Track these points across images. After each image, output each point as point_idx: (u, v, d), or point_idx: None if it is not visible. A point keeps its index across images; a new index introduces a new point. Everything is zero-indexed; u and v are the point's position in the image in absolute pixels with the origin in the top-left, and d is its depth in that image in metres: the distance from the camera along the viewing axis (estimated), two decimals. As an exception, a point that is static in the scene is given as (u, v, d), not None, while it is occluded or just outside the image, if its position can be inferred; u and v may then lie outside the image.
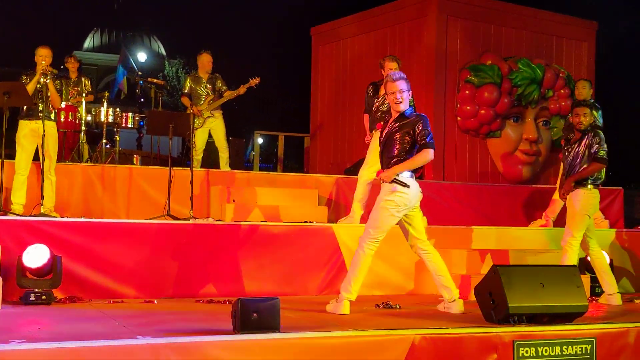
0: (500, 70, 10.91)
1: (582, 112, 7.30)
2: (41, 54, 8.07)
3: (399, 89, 5.96)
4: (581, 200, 7.15)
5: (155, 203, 8.67)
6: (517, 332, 5.10)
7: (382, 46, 11.87)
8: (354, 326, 5.06)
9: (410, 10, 11.48)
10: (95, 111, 10.71)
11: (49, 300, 6.09)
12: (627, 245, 8.79)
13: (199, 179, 8.91)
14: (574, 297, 5.51)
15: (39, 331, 4.82)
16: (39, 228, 6.59)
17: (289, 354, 4.54)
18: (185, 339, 4.39)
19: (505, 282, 5.34)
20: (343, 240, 7.56)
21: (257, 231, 7.38)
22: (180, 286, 6.94)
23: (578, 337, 5.23)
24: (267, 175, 10.14)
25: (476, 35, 11.29)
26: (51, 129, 8.10)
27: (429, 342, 4.88)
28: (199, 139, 10.00)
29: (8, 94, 7.64)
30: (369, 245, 6.03)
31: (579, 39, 12.24)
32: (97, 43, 50.09)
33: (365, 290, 7.49)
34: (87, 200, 8.72)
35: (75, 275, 6.56)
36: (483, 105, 10.86)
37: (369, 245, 6.03)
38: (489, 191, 10.52)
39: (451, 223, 8.66)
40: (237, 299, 4.66)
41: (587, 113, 7.32)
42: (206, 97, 10.04)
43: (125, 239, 6.87)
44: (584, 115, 7.29)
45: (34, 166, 8.21)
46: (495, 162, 11.26)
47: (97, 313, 5.74)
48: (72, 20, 45.73)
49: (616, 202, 10.91)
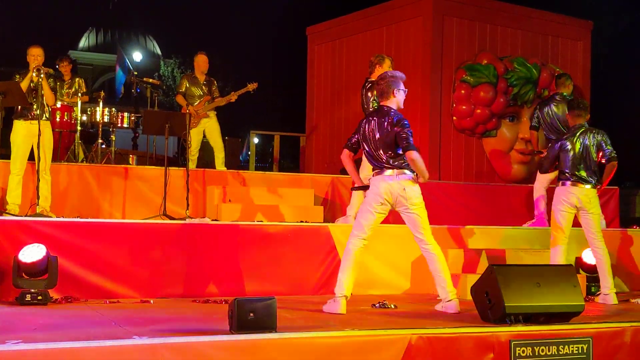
0: (496, 70, 10.93)
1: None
2: (33, 53, 8.05)
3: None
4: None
5: (151, 203, 8.67)
6: (514, 332, 5.10)
7: (377, 46, 11.86)
8: (351, 326, 5.06)
9: (406, 10, 11.48)
10: (91, 111, 10.69)
11: (45, 301, 6.07)
12: (623, 244, 8.80)
13: (195, 179, 8.91)
14: (570, 296, 5.51)
15: (35, 331, 4.80)
16: (34, 228, 6.58)
17: (286, 354, 4.53)
18: (181, 339, 4.38)
19: (502, 281, 5.34)
20: (339, 239, 7.55)
21: (253, 231, 7.37)
22: (176, 286, 6.93)
23: (574, 337, 5.23)
24: (263, 175, 10.14)
25: (472, 34, 11.29)
26: (46, 128, 8.08)
27: (425, 341, 4.88)
28: (194, 139, 9.99)
29: (3, 93, 7.63)
30: (351, 242, 6.11)
31: (574, 39, 12.26)
32: (93, 43, 50.03)
33: (361, 289, 7.51)
34: (83, 200, 8.72)
35: (71, 275, 6.54)
36: (479, 104, 10.86)
37: (351, 242, 6.11)
38: (485, 190, 10.52)
39: (447, 222, 8.65)
40: (234, 299, 4.65)
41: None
42: (201, 97, 10.05)
43: (122, 239, 6.85)
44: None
45: (29, 166, 8.19)
46: (491, 161, 11.27)
47: (94, 313, 5.73)
48: (67, 19, 45.63)
49: (612, 202, 10.93)
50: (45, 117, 8.11)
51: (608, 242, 8.53)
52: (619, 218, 11.16)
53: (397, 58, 11.48)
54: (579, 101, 7.59)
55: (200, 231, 7.20)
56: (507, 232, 8.66)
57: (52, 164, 8.21)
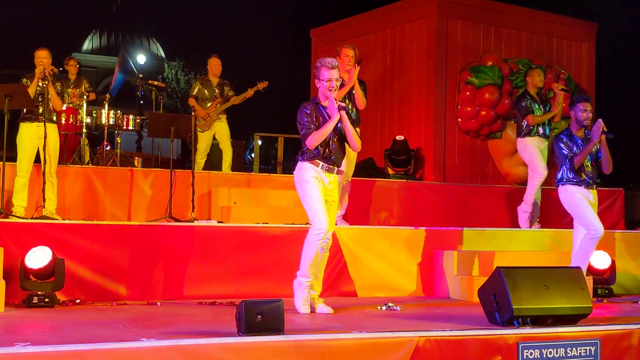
0: (501, 72, 10.92)
1: (589, 108, 7.34)
2: (39, 55, 8.05)
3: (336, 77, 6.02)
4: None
5: (156, 205, 8.67)
6: (522, 334, 5.08)
7: (382, 48, 11.87)
8: (358, 328, 5.05)
9: (410, 12, 11.48)
10: (96, 113, 10.70)
11: (52, 303, 6.08)
12: (629, 246, 8.78)
13: (200, 181, 8.91)
14: (578, 298, 5.50)
15: (43, 334, 4.81)
16: (41, 230, 6.59)
17: (294, 356, 4.52)
18: (189, 341, 4.37)
19: (510, 283, 5.33)
20: (344, 241, 7.55)
21: (259, 233, 7.38)
22: (182, 288, 6.94)
23: (582, 339, 5.21)
24: (268, 177, 10.14)
25: (476, 36, 11.29)
26: (52, 131, 8.08)
27: (432, 344, 4.86)
28: (204, 142, 10.03)
29: (9, 96, 7.63)
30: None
31: (579, 40, 12.25)
32: (96, 45, 50.15)
33: (367, 292, 7.54)
34: (89, 203, 8.73)
35: (78, 278, 6.55)
36: (484, 106, 10.86)
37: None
38: (490, 192, 10.51)
39: (452, 225, 8.66)
40: (242, 301, 4.64)
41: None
42: (213, 100, 10.09)
43: (128, 241, 6.86)
44: (590, 111, 7.34)
45: (35, 168, 8.20)
46: (496, 163, 11.26)
47: (101, 315, 5.73)
48: (71, 22, 45.73)
49: (617, 204, 10.91)
50: (51, 119, 8.12)
51: (613, 244, 8.56)
52: (624, 220, 11.15)
53: (402, 60, 11.51)
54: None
55: (206, 233, 7.21)
56: (513, 234, 8.63)
57: (58, 167, 8.22)
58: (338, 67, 6.05)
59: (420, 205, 9.93)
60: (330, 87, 5.98)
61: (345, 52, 8.04)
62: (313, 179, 6.00)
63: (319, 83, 6.05)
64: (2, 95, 7.58)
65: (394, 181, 10.14)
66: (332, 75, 5.98)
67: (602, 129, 7.03)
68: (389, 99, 11.71)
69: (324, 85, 6.00)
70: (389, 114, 11.72)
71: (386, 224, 9.39)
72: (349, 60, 7.97)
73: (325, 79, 5.98)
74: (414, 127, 11.16)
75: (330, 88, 5.99)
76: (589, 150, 7.13)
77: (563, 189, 7.31)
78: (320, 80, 6.03)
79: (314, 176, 6.01)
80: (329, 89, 5.99)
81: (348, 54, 8.03)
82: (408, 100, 11.37)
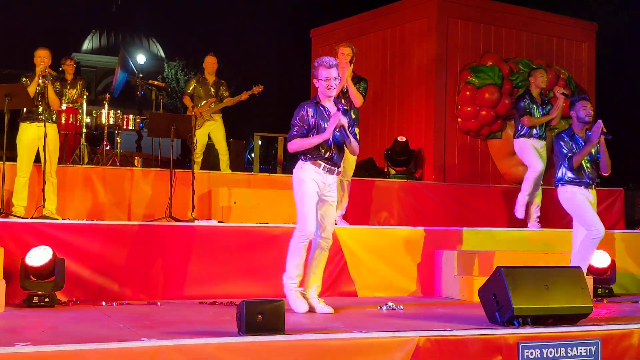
0: (501, 72, 10.92)
1: (589, 106, 7.36)
2: (39, 55, 8.06)
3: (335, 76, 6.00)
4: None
5: (156, 205, 8.66)
6: (522, 334, 5.09)
7: (382, 48, 11.87)
8: (358, 328, 5.05)
9: (411, 12, 11.48)
10: (96, 113, 10.70)
11: (52, 303, 6.08)
12: (629, 246, 8.78)
13: (200, 181, 8.90)
14: (578, 298, 5.50)
15: (43, 334, 4.81)
16: (41, 230, 6.58)
17: (294, 356, 4.52)
18: (190, 341, 4.37)
19: (510, 283, 5.33)
20: (344, 241, 7.55)
21: (259, 233, 7.37)
22: (183, 288, 6.93)
23: (583, 339, 5.21)
24: (268, 176, 10.14)
25: (476, 36, 11.29)
26: (52, 131, 8.08)
27: (433, 344, 4.86)
28: (198, 141, 10.00)
29: (9, 96, 7.63)
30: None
31: (579, 40, 12.26)
32: (96, 45, 50.15)
33: (367, 292, 7.53)
34: (89, 202, 8.72)
35: (78, 278, 6.55)
36: (484, 106, 10.86)
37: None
38: (490, 192, 10.51)
39: (452, 225, 8.66)
40: (242, 301, 4.64)
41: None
42: (208, 99, 10.06)
43: (128, 241, 6.85)
44: (591, 108, 7.36)
45: (35, 168, 8.20)
46: (496, 163, 11.26)
47: (101, 315, 5.73)
48: (71, 22, 45.72)
49: (616, 204, 10.91)
50: (51, 119, 8.12)
51: (613, 244, 8.56)
52: (624, 220, 11.15)
53: (402, 60, 11.51)
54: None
55: (206, 233, 7.20)
56: (512, 234, 8.64)
57: (58, 166, 8.22)
58: (337, 66, 6.03)
59: (420, 205, 9.93)
60: (329, 86, 5.97)
61: (342, 51, 8.04)
62: (311, 180, 5.99)
63: (317, 82, 6.04)
64: (2, 95, 7.57)
65: (394, 181, 10.14)
66: (330, 74, 5.96)
67: (601, 130, 7.04)
68: (389, 99, 11.71)
69: (322, 85, 5.99)
70: (389, 114, 11.72)
71: (386, 224, 9.38)
72: (344, 58, 7.96)
73: (323, 78, 5.97)
74: (414, 127, 11.16)
75: (328, 87, 5.97)
76: (588, 150, 7.13)
77: (563, 190, 7.31)
78: (318, 80, 6.02)
79: (312, 177, 6.00)
80: (327, 88, 5.97)
81: (344, 52, 8.02)
82: (408, 100, 11.37)
